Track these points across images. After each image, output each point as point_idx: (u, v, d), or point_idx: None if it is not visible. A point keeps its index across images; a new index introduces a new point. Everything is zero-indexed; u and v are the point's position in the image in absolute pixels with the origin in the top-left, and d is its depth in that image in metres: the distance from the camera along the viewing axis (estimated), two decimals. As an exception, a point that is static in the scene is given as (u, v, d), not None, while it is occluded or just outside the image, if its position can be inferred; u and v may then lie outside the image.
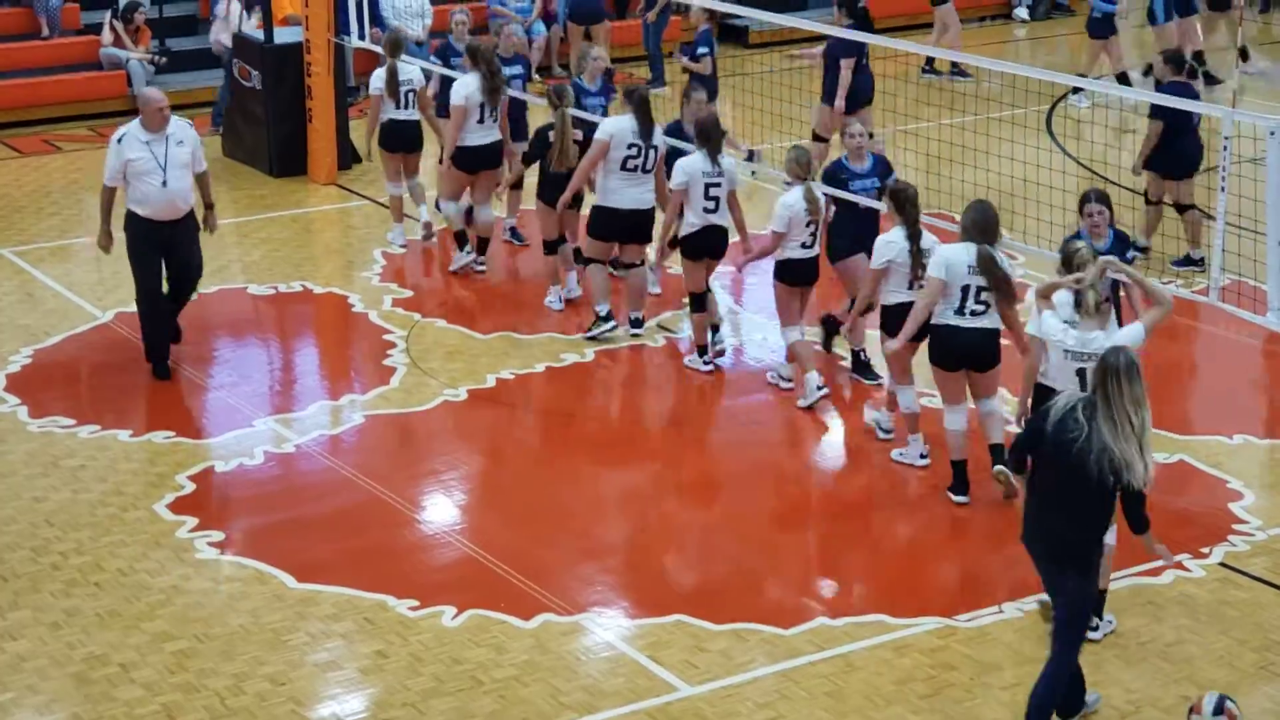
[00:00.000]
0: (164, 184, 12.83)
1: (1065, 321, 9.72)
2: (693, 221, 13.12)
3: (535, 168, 14.50)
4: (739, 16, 22.29)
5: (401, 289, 15.07)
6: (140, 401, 12.96)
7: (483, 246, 15.44)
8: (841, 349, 13.49)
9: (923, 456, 11.82)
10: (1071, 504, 8.43)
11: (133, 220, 13.05)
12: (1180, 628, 9.92)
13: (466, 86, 14.86)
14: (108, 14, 21.01)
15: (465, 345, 13.90)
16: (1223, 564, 10.62)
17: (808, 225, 12.53)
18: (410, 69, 15.89)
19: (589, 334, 13.89)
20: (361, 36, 17.38)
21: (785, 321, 12.82)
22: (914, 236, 11.55)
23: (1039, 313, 9.87)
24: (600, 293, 13.90)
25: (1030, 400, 9.96)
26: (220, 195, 17.60)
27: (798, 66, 18.93)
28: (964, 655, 9.64)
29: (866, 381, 13.11)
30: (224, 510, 11.28)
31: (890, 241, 11.57)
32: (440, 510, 11.33)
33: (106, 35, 20.83)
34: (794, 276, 12.69)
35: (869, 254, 11.89)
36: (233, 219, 16.97)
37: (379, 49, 16.94)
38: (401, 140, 15.83)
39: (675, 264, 14.76)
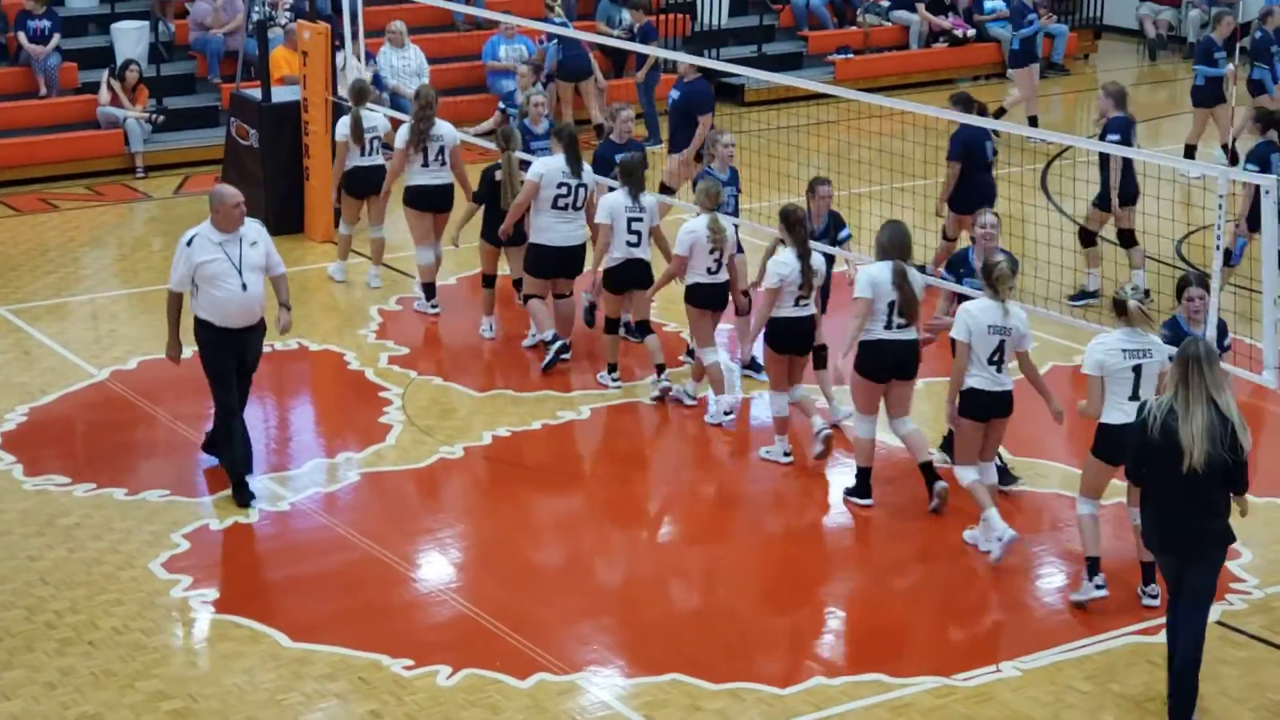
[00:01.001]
0: (243, 287, 11.75)
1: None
2: (616, 255, 13.74)
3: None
4: (735, 75, 22.48)
5: (398, 346, 15.07)
6: (135, 460, 12.93)
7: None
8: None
9: (786, 455, 12.74)
10: (1203, 491, 9.03)
11: (205, 331, 11.90)
12: (1178, 686, 9.88)
13: (404, 132, 15.54)
14: (105, 73, 21.08)
15: (461, 403, 13.89)
16: (1220, 622, 10.59)
17: (711, 252, 13.19)
18: (375, 117, 16.41)
19: (545, 365, 14.42)
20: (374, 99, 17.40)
21: (700, 343, 13.55)
22: (804, 256, 12.43)
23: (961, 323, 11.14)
24: (544, 321, 14.49)
25: (957, 402, 11.27)
26: (217, 253, 17.68)
27: (791, 125, 19.02)
28: (962, 715, 9.60)
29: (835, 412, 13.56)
30: (219, 569, 11.25)
31: (783, 261, 12.43)
32: (436, 568, 11.30)
33: (104, 94, 20.88)
34: (702, 300, 13.37)
35: None
36: (229, 277, 16.97)
37: (378, 109, 17.06)
38: (365, 185, 16.28)
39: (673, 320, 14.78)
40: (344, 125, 16.25)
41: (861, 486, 12.14)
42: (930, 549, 11.56)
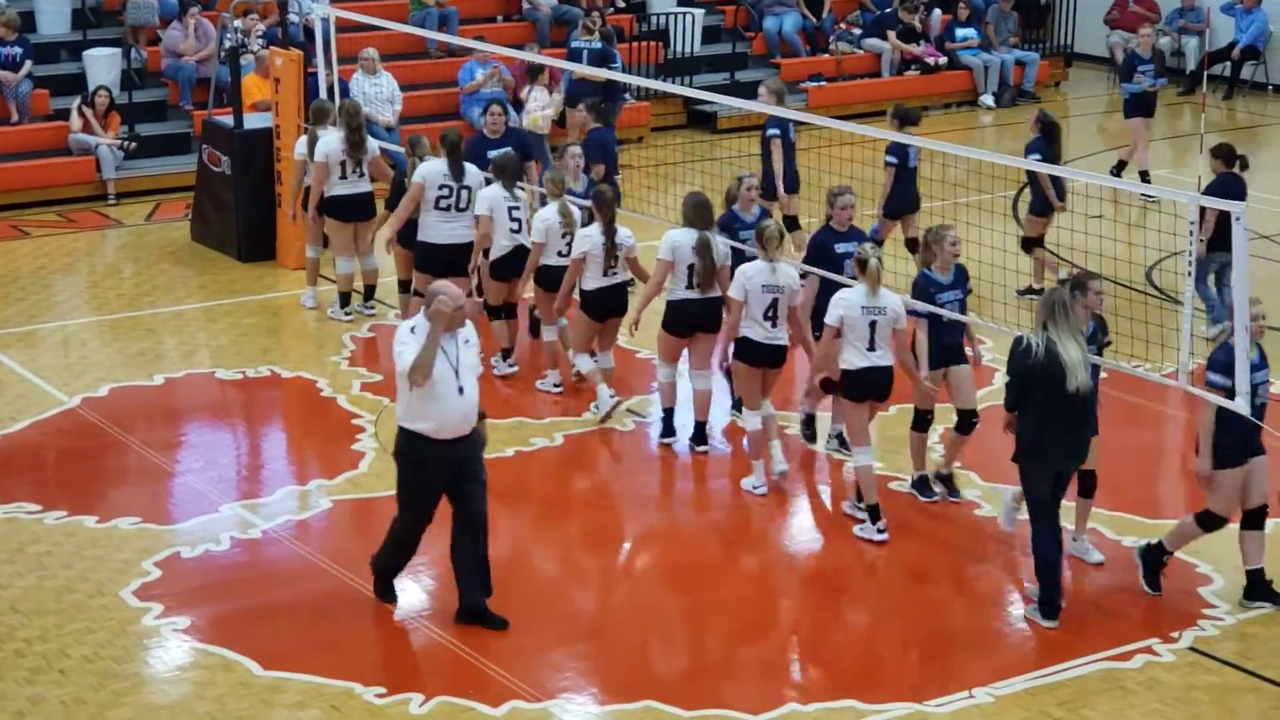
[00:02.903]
0: (460, 391, 10.46)
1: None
2: (502, 244, 14.55)
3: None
4: (708, 102, 22.53)
5: (371, 373, 15.05)
6: (106, 487, 12.88)
7: (369, 292, 16.51)
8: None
9: (558, 386, 14.37)
10: (1082, 411, 10.68)
11: (415, 444, 10.52)
12: (1150, 712, 9.90)
13: (327, 144, 15.95)
14: (77, 100, 21.03)
15: (434, 430, 13.85)
16: (1192, 648, 10.61)
17: (563, 236, 14.16)
18: (333, 137, 16.37)
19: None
20: (333, 123, 17.41)
21: (546, 321, 14.53)
22: (609, 233, 13.62)
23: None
24: None
25: (732, 348, 12.63)
26: (188, 280, 17.69)
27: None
28: (935, 741, 9.60)
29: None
30: (190, 597, 11.18)
31: (588, 235, 13.65)
32: (408, 596, 11.25)
33: (75, 121, 20.83)
34: (550, 283, 14.23)
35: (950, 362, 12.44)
36: (200, 304, 16.97)
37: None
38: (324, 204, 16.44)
39: (643, 347, 14.82)
40: (301, 145, 16.39)
41: (667, 427, 13.53)
42: (904, 574, 11.56)
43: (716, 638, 10.82)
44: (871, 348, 11.78)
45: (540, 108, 20.70)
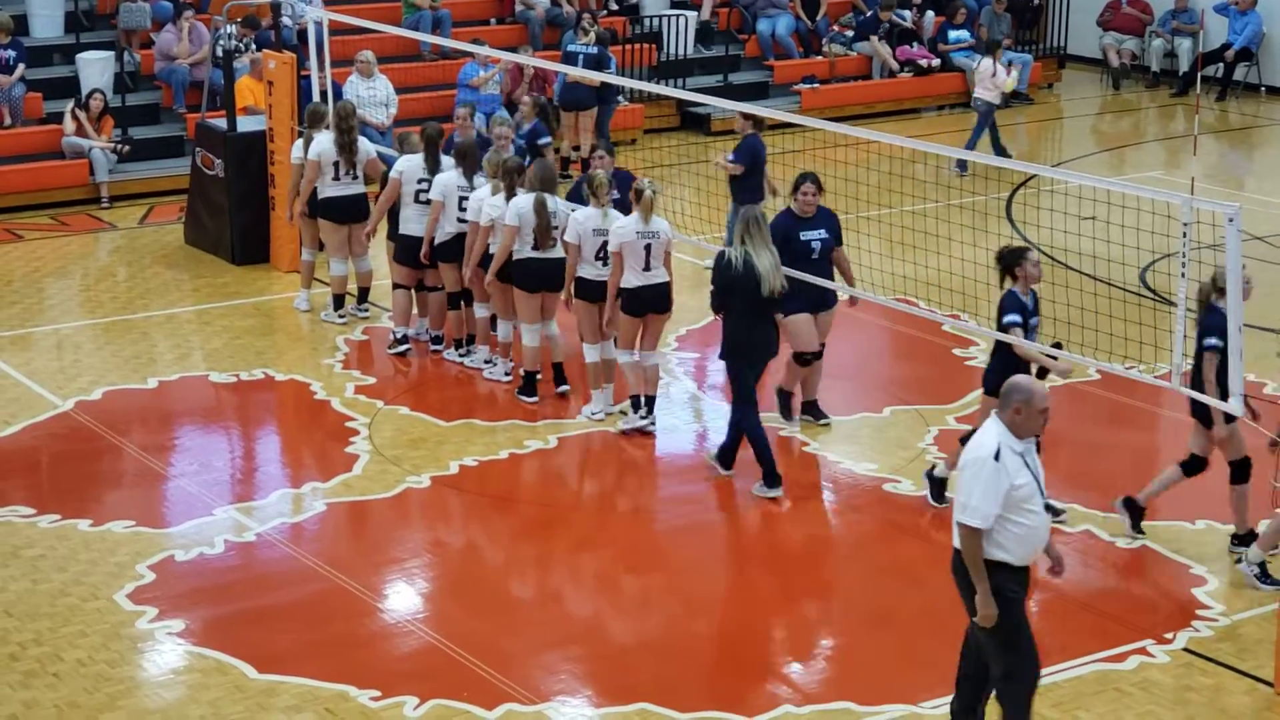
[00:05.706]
0: (1048, 509, 8.86)
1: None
2: (447, 230, 15.00)
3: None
4: (701, 104, 22.52)
5: (364, 376, 15.05)
6: (100, 490, 12.87)
7: (363, 295, 16.67)
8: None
9: (507, 374, 14.85)
10: (769, 314, 12.51)
11: (1008, 579, 8.74)
12: (1144, 714, 9.90)
13: (320, 144, 16.06)
14: (70, 103, 21.02)
15: (428, 432, 13.87)
16: (1186, 649, 10.62)
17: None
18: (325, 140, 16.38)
19: (389, 350, 15.61)
20: (327, 125, 17.40)
21: (478, 297, 14.97)
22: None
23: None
24: (401, 316, 15.63)
25: (572, 287, 13.81)
26: (182, 283, 17.69)
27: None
28: (929, 742, 9.59)
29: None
30: (184, 600, 11.18)
31: (513, 206, 14.10)
32: (403, 599, 11.27)
33: (69, 124, 20.82)
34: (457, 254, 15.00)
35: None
36: (194, 307, 16.96)
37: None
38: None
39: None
40: (298, 149, 16.44)
41: (528, 387, 14.41)
42: (897, 576, 11.56)
43: (711, 640, 10.82)
44: (647, 268, 13.39)
45: (1002, 80, 21.87)
